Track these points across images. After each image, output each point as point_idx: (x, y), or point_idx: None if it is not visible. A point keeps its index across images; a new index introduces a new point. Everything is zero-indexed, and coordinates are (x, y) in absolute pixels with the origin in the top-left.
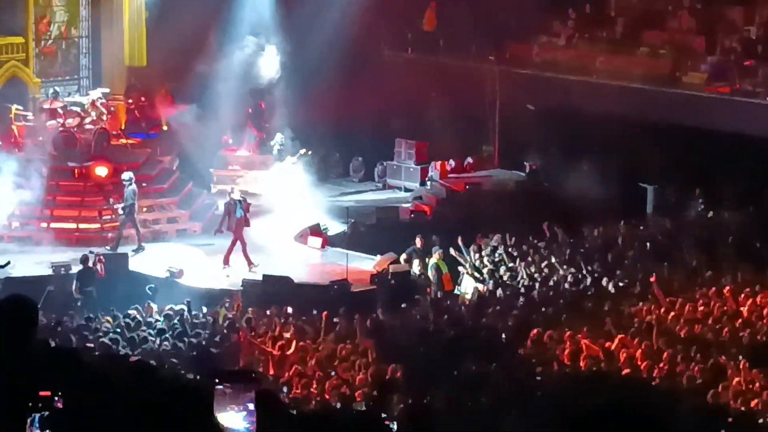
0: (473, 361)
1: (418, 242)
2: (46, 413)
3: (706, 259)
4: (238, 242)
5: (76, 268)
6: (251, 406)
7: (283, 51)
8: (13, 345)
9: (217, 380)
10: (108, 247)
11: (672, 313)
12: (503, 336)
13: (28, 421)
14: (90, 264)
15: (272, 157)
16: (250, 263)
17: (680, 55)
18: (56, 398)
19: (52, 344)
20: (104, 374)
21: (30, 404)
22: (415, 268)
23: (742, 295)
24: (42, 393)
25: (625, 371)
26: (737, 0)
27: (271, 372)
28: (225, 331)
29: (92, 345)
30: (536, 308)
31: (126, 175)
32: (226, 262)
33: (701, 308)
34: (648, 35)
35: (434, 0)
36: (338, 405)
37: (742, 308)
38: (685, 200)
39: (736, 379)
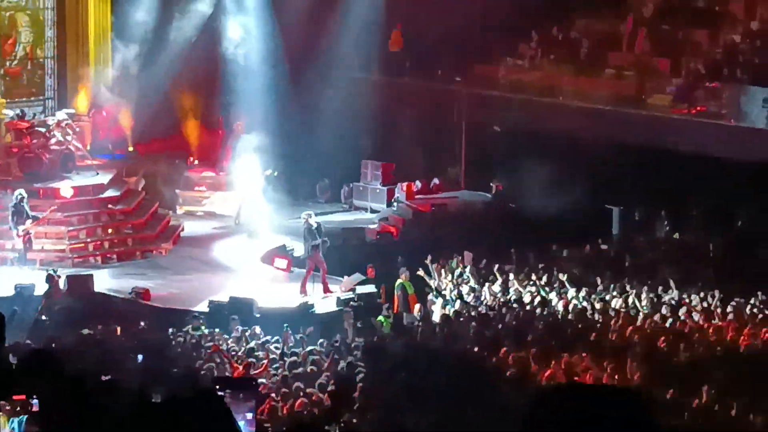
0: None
1: (369, 272)
2: (25, 417)
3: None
4: (314, 268)
5: (41, 289)
6: (249, 416)
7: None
8: None
9: (218, 387)
10: None
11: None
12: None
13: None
14: (54, 283)
15: (238, 178)
16: (327, 290)
17: (645, 76)
18: (32, 401)
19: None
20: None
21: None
22: None
23: None
24: (16, 397)
25: None
26: (702, 22)
27: None
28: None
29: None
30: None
31: None
32: (302, 290)
33: None
34: (613, 57)
35: (400, 21)
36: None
37: None
38: (651, 221)
39: None
